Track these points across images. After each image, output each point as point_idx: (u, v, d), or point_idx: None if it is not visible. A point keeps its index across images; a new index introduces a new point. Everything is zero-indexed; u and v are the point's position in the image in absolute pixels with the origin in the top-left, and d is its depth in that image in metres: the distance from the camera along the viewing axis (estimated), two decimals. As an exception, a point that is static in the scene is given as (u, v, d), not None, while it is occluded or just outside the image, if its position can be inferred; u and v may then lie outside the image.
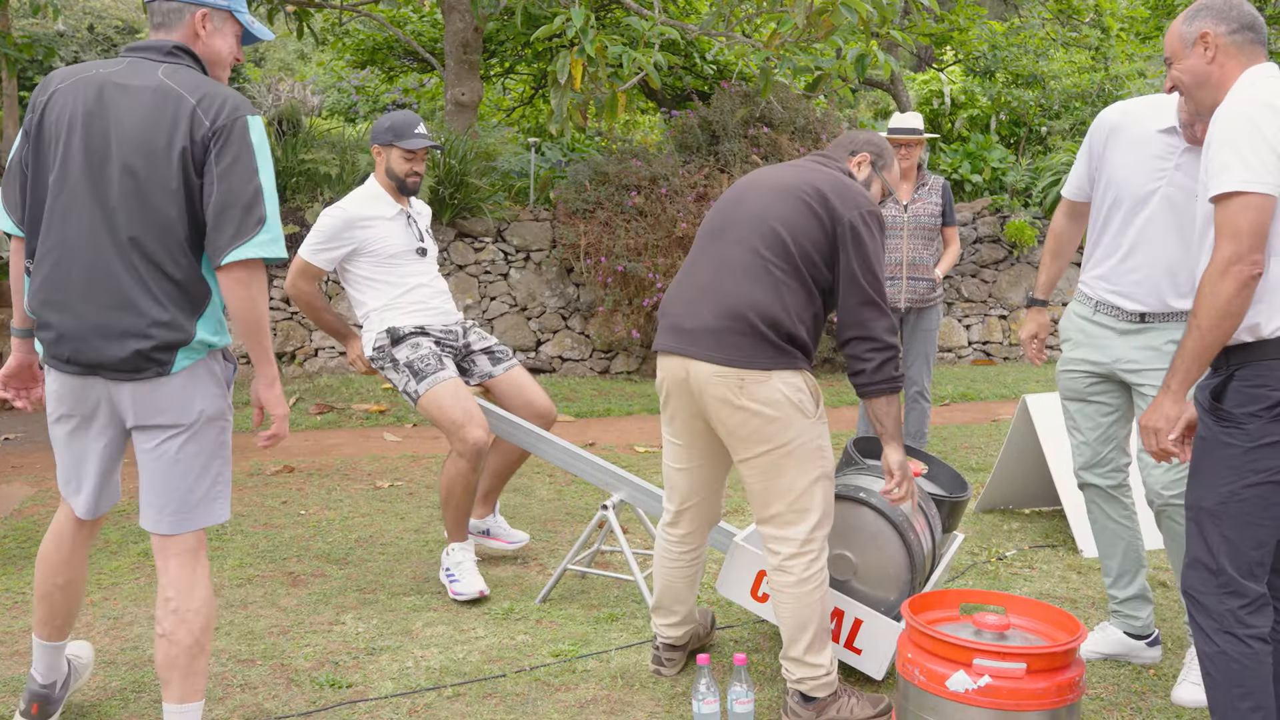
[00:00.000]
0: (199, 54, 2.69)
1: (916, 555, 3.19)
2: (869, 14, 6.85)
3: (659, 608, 3.33)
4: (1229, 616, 2.43)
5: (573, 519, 5.09)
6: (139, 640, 3.62)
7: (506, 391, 4.24)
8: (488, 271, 8.75)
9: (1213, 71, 2.57)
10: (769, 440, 2.86)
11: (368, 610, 3.90)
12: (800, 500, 2.90)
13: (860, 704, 2.98)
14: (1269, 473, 2.39)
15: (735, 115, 8.69)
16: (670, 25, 7.68)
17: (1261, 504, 2.40)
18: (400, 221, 4.16)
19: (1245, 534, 2.42)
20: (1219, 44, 2.55)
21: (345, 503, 5.38)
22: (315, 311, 4.23)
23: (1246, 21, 2.56)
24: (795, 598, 2.92)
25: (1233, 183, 2.35)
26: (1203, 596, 2.47)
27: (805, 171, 3.01)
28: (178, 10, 2.66)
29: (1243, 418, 2.40)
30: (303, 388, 8.01)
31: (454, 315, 4.29)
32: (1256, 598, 2.43)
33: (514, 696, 3.20)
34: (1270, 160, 2.34)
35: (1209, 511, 2.45)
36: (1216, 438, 2.46)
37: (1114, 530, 3.42)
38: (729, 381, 2.84)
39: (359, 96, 14.99)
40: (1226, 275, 2.35)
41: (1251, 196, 2.33)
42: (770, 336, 2.83)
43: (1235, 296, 2.35)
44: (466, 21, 9.07)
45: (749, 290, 2.85)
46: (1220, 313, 2.36)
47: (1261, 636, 2.43)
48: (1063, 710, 2.51)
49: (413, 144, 4.09)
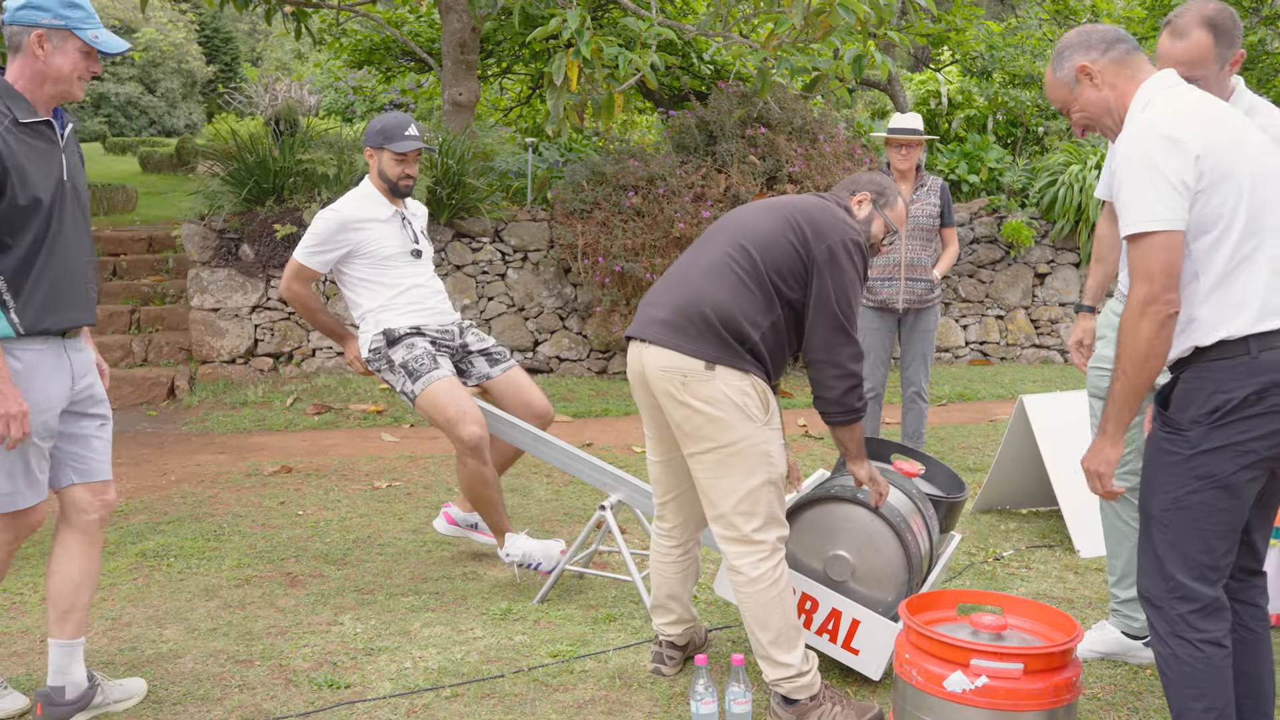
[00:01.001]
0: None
1: (914, 556, 3.20)
2: (866, 14, 6.85)
3: (656, 606, 3.36)
4: (1180, 621, 2.44)
5: (570, 519, 5.09)
6: (137, 641, 3.62)
7: (504, 392, 4.25)
8: (485, 272, 8.74)
9: (1108, 97, 2.56)
10: (712, 439, 2.90)
11: (366, 611, 3.90)
12: (744, 503, 2.93)
13: (845, 711, 2.98)
14: (1211, 479, 2.39)
15: (733, 116, 8.69)
16: (667, 26, 7.69)
17: (1205, 510, 2.41)
18: (395, 223, 4.17)
19: (1191, 539, 2.42)
20: (1100, 69, 2.55)
21: (343, 503, 5.38)
22: (311, 313, 4.25)
23: (1111, 38, 2.56)
24: (749, 596, 2.96)
25: (1138, 224, 2.35)
26: (1155, 600, 2.49)
27: (801, 199, 3.10)
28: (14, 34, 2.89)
29: (1185, 424, 2.41)
30: (300, 388, 8.01)
31: (450, 315, 4.30)
32: (1209, 602, 2.43)
33: (512, 697, 3.20)
34: (1169, 195, 2.33)
35: (1155, 517, 2.47)
36: (1160, 444, 2.48)
37: (1123, 531, 3.43)
38: (672, 377, 2.90)
39: (356, 96, 15.00)
40: (1144, 316, 2.36)
41: (1158, 236, 2.34)
42: (720, 330, 2.89)
43: (1155, 337, 2.36)
44: (464, 21, 9.06)
45: (708, 286, 2.94)
46: (1142, 354, 2.38)
47: (1214, 641, 2.43)
48: (1060, 710, 2.52)
49: (403, 146, 4.10)
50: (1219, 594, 2.45)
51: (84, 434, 3.06)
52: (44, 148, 2.90)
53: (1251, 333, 2.36)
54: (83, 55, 2.90)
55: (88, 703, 3.06)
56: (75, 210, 2.99)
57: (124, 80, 30.23)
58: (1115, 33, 2.56)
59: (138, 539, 4.73)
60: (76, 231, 2.99)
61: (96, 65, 2.95)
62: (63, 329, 2.95)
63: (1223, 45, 2.97)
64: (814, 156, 8.59)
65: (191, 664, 3.44)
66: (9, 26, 2.86)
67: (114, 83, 29.79)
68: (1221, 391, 2.36)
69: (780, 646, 2.95)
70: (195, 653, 3.53)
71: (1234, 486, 2.39)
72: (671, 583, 3.33)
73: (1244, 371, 2.36)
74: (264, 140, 8.70)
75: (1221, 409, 2.36)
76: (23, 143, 2.84)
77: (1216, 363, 2.38)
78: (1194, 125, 2.37)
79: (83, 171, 3.09)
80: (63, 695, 3.02)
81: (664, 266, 8.25)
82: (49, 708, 3.00)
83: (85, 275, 3.03)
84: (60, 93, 2.91)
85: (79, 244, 3.00)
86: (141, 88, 30.73)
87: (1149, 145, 2.36)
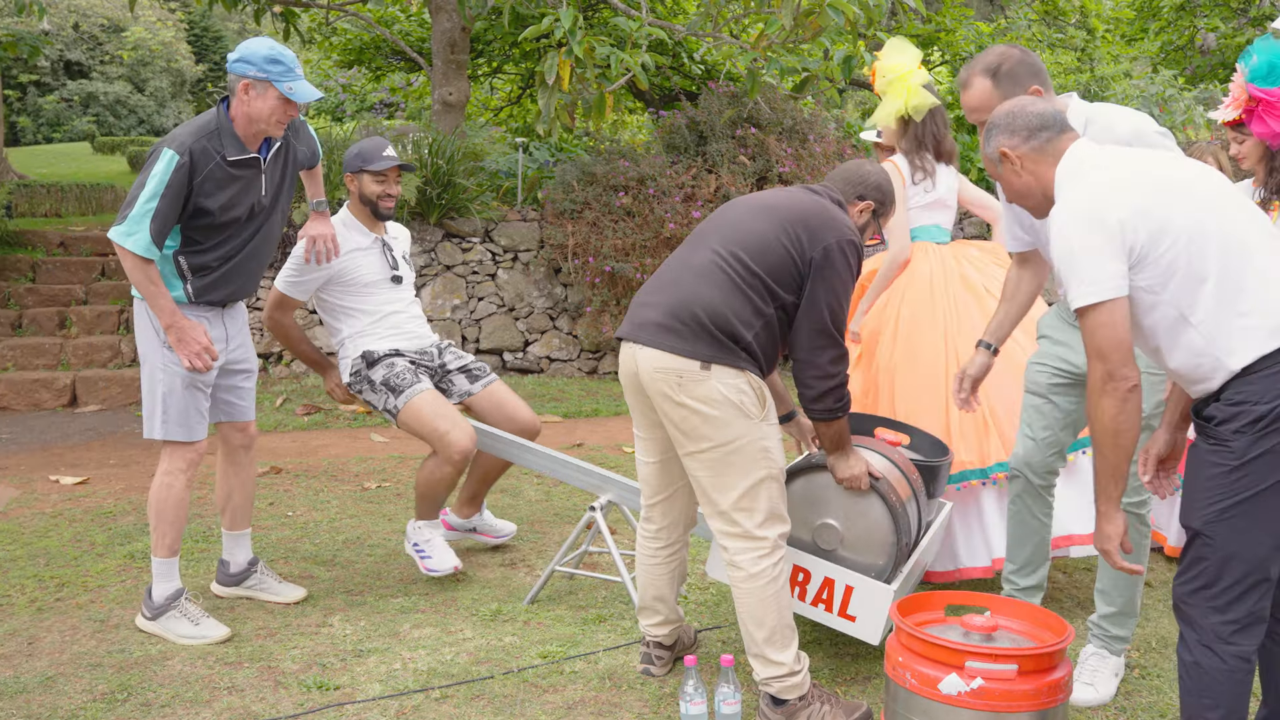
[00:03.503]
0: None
1: (900, 517, 3.19)
2: (856, 15, 6.86)
3: (643, 608, 3.36)
4: (1210, 632, 2.41)
5: (560, 520, 5.09)
6: (125, 643, 3.60)
7: (487, 408, 4.26)
8: (475, 272, 8.73)
9: (1029, 182, 2.60)
10: (709, 438, 2.89)
11: (355, 612, 3.89)
12: (744, 499, 2.93)
13: (834, 710, 2.98)
14: (1256, 490, 2.35)
15: (723, 116, 8.69)
16: (658, 26, 7.69)
17: (1250, 520, 2.36)
18: (375, 250, 4.22)
19: (1236, 551, 2.37)
20: (1020, 156, 2.59)
21: (332, 504, 5.37)
22: (293, 343, 4.31)
23: (1034, 125, 2.58)
24: (748, 593, 2.95)
25: (1080, 298, 2.37)
26: (1189, 608, 2.45)
27: (794, 193, 3.08)
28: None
29: (1228, 435, 2.37)
30: (290, 388, 7.99)
31: (429, 338, 4.35)
32: (1244, 616, 2.39)
33: (502, 698, 3.20)
34: (1104, 265, 2.35)
35: (1199, 529, 2.42)
36: (1204, 456, 2.43)
37: (1032, 525, 3.45)
38: (668, 377, 2.89)
39: (346, 96, 14.96)
40: (1104, 394, 2.39)
41: (1101, 308, 2.36)
42: (712, 330, 2.88)
43: (1120, 413, 2.38)
44: (454, 21, 9.04)
45: (700, 287, 2.93)
46: (1111, 430, 2.40)
47: (1243, 656, 2.40)
48: (1053, 710, 2.52)
49: (381, 165, 4.15)
50: (1256, 608, 2.40)
51: (233, 385, 3.86)
52: (248, 176, 3.56)
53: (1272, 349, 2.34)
54: (280, 102, 3.47)
55: (245, 578, 4.01)
56: (270, 217, 3.70)
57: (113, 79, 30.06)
58: (1039, 118, 2.58)
59: (126, 540, 4.71)
60: (266, 234, 3.72)
61: (294, 110, 3.52)
62: (223, 301, 3.70)
63: (1005, 87, 3.05)
64: (804, 157, 8.60)
65: (180, 666, 3.43)
66: (229, 75, 3.49)
67: (103, 82, 29.61)
68: (1264, 402, 2.33)
69: (774, 645, 2.95)
70: (184, 655, 3.51)
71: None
72: (659, 584, 3.32)
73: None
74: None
75: (1266, 417, 2.33)
76: (228, 175, 3.49)
77: (1254, 375, 2.35)
78: (1110, 195, 2.40)
79: (287, 181, 3.75)
80: (226, 569, 4.01)
81: (654, 267, 8.25)
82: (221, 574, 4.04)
83: (260, 263, 3.76)
84: (260, 131, 3.53)
85: (264, 245, 3.74)
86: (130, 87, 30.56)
87: (1071, 229, 2.40)
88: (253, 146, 3.56)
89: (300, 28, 9.72)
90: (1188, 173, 2.47)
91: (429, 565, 4.07)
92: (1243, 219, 2.42)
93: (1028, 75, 3.06)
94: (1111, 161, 2.50)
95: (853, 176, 3.22)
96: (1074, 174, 2.51)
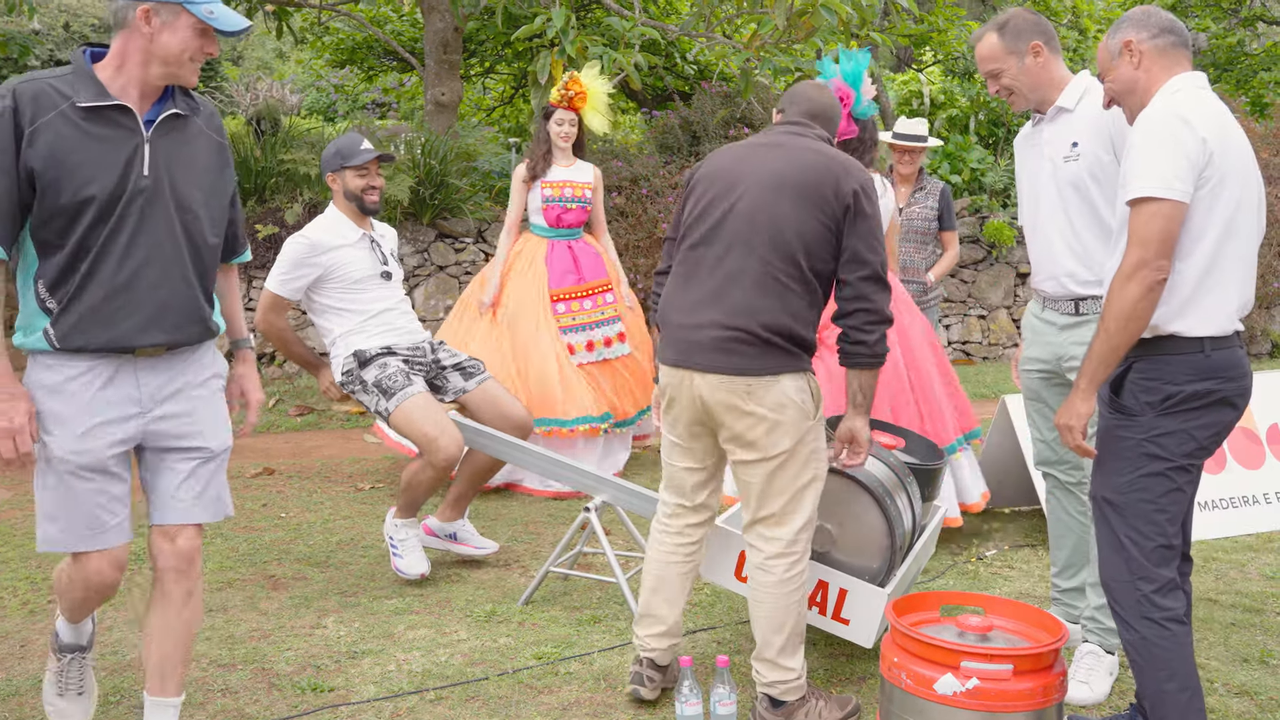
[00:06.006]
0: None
1: (894, 520, 3.19)
2: (848, 15, 6.87)
3: (644, 615, 3.18)
4: (1145, 602, 2.55)
5: (555, 521, 5.08)
6: (118, 645, 3.59)
7: (481, 406, 4.26)
8: (468, 272, 8.71)
9: (1139, 77, 2.67)
10: (775, 445, 2.86)
11: (349, 613, 3.88)
12: (792, 502, 2.92)
13: (829, 707, 2.98)
14: (1163, 463, 2.52)
15: (716, 116, 8.70)
16: (651, 26, 7.68)
17: (1160, 489, 2.53)
18: (364, 246, 4.22)
19: (1146, 522, 2.55)
20: (1143, 50, 2.66)
21: (326, 505, 5.35)
22: (286, 345, 4.31)
23: (1165, 25, 2.67)
24: (774, 598, 2.93)
25: (1145, 188, 2.46)
26: (1116, 585, 2.60)
27: (794, 152, 2.93)
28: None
29: (1137, 409, 2.53)
30: (283, 389, 7.97)
31: (421, 334, 4.36)
32: (1165, 582, 2.56)
33: (496, 699, 3.19)
34: (1183, 168, 2.45)
35: (1111, 502, 2.59)
36: (1113, 430, 2.59)
37: (1067, 523, 3.49)
38: (736, 387, 2.83)
39: (338, 95, 14.93)
40: (1132, 279, 2.47)
41: (1163, 203, 2.44)
42: (776, 342, 2.83)
43: (1141, 300, 2.47)
44: (446, 21, 9.03)
45: (755, 300, 2.83)
46: (1126, 315, 2.48)
47: (1176, 618, 2.55)
48: (1048, 710, 2.52)
49: (360, 158, 4.16)
50: (1173, 575, 2.58)
51: (162, 467, 2.68)
52: (113, 137, 2.46)
53: (1208, 334, 2.51)
54: (196, 33, 2.48)
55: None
56: (162, 211, 2.53)
57: (103, 79, 29.92)
58: (1170, 22, 2.67)
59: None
60: (159, 237, 2.53)
61: (213, 45, 2.52)
62: (113, 348, 2.52)
63: (1008, 41, 3.23)
64: (797, 157, 8.59)
65: (173, 668, 3.41)
66: (116, 3, 2.47)
67: (93, 81, 29.47)
68: (1173, 384, 2.51)
69: (787, 652, 2.95)
70: (177, 657, 3.49)
71: (1184, 468, 2.54)
72: (672, 585, 3.15)
73: (1195, 368, 2.51)
74: (245, 140, 8.65)
75: (1172, 398, 2.51)
76: (77, 131, 2.43)
77: (1171, 356, 2.53)
78: (1211, 122, 2.50)
79: (202, 166, 2.63)
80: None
81: (648, 267, 8.25)
82: None
83: (174, 288, 2.57)
84: (168, 74, 2.50)
85: (159, 252, 2.53)
86: (121, 87, 30.43)
87: (1171, 121, 2.48)
88: (140, 103, 2.51)
89: (292, 27, 9.69)
90: (1250, 153, 2.59)
91: (399, 565, 4.14)
92: (1257, 211, 2.60)
93: (1031, 31, 3.22)
94: (1216, 101, 2.60)
95: (818, 110, 3.09)
96: (1180, 90, 2.59)
